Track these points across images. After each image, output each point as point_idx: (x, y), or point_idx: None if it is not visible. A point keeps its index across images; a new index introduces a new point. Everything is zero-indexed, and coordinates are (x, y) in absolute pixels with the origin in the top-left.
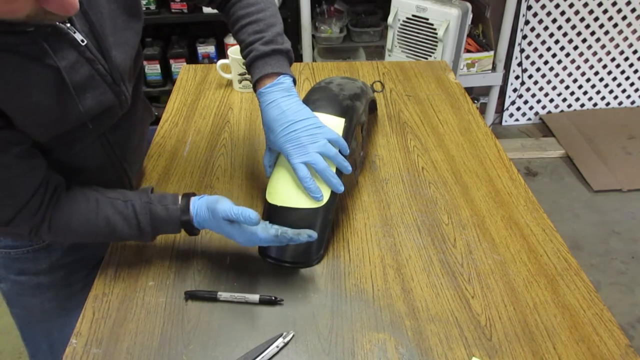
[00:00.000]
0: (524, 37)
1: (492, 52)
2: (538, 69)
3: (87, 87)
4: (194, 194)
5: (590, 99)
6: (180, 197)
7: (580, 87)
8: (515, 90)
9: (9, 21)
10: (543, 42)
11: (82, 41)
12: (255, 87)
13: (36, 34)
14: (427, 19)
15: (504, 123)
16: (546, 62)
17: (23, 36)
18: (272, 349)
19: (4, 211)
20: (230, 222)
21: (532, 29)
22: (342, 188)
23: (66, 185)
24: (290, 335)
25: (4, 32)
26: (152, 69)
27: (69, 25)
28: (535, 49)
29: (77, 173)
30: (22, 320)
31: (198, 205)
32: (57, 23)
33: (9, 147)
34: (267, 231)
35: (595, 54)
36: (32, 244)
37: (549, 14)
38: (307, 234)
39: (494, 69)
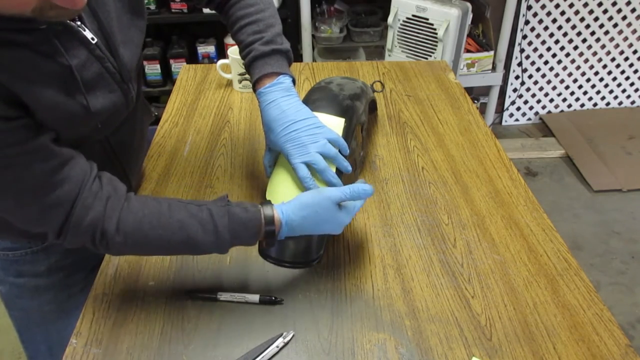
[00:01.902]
0: (524, 37)
1: (492, 52)
2: (538, 69)
3: (97, 85)
4: (270, 202)
5: (590, 99)
6: (259, 204)
7: (580, 87)
8: (515, 90)
9: (16, 17)
10: (543, 42)
11: (92, 39)
12: (254, 87)
13: (48, 31)
14: (427, 19)
15: (504, 123)
16: (546, 62)
17: (35, 34)
18: (272, 349)
19: (55, 213)
20: (339, 207)
21: (532, 29)
22: None
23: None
24: (290, 335)
25: (17, 29)
26: (152, 69)
27: (79, 23)
28: (535, 49)
29: None
30: (20, 322)
31: (286, 208)
32: (68, 21)
33: (37, 134)
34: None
35: (595, 54)
36: (31, 246)
37: (549, 14)
38: (369, 190)
39: (494, 69)
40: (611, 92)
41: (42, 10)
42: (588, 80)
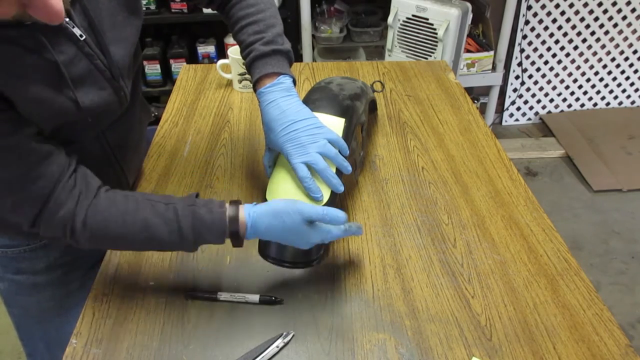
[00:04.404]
0: (524, 37)
1: (492, 52)
2: (538, 69)
3: (86, 82)
4: (240, 202)
5: (590, 99)
6: (227, 203)
7: (580, 87)
8: (515, 90)
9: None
10: (543, 42)
11: (81, 36)
12: (255, 87)
13: (34, 27)
14: (427, 19)
15: (504, 123)
16: (546, 62)
17: (21, 29)
18: (272, 349)
19: (28, 207)
20: (310, 224)
21: (532, 29)
22: (342, 188)
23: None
24: (290, 335)
25: (2, 25)
26: (152, 69)
27: (67, 20)
28: (535, 49)
29: None
30: (19, 319)
31: (256, 211)
32: None
33: (19, 128)
34: (339, 228)
35: (595, 54)
36: (30, 243)
37: (549, 14)
38: (360, 227)
39: (494, 69)
40: (611, 92)
41: (23, 17)
42: (588, 80)
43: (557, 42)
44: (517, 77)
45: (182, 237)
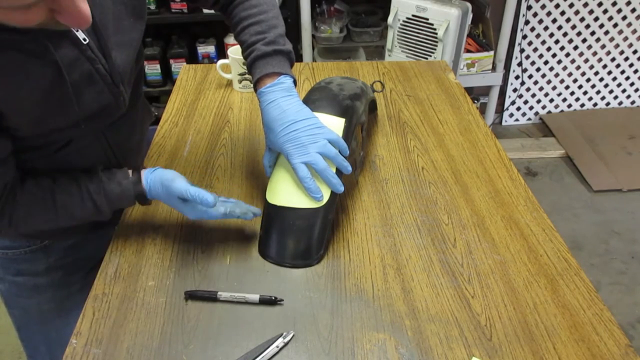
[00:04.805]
0: (524, 37)
1: (492, 52)
2: (538, 69)
3: (86, 85)
4: (144, 167)
5: (590, 99)
6: (131, 172)
7: (580, 87)
8: (515, 90)
9: (20, 27)
10: (543, 42)
11: (84, 40)
12: (255, 87)
13: (39, 31)
14: (427, 19)
15: (504, 123)
16: (546, 62)
17: (27, 33)
18: (272, 349)
19: None
20: (184, 200)
21: (532, 29)
22: (342, 188)
23: (21, 178)
24: (290, 335)
25: (7, 29)
26: (152, 69)
27: None
28: (535, 49)
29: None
30: (20, 320)
31: (152, 179)
32: None
33: None
34: (217, 210)
35: (595, 54)
36: (30, 245)
37: (549, 14)
38: (252, 212)
39: (494, 69)
40: (611, 92)
41: (48, 24)
42: (588, 80)
43: (557, 42)
44: (517, 77)
45: (99, 211)
